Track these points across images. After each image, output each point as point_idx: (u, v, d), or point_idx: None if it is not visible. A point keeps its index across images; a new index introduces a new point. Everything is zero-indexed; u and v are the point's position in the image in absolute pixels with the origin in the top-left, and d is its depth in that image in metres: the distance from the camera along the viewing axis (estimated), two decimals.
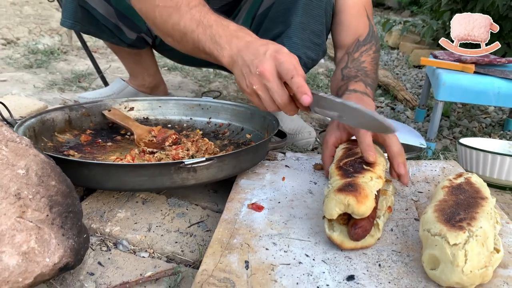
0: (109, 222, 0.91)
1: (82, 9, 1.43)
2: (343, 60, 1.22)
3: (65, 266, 0.71)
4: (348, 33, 1.27)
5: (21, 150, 0.73)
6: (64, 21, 1.48)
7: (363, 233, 0.76)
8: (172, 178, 0.90)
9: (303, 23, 1.25)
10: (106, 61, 2.77)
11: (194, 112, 1.46)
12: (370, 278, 0.71)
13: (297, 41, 1.26)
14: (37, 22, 3.98)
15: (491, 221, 0.76)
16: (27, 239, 0.67)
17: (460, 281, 0.67)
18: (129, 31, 1.49)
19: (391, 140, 0.94)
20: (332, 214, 0.76)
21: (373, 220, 0.79)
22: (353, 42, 1.25)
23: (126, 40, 1.53)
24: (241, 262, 0.74)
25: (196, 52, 1.01)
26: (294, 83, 0.85)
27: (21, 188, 0.69)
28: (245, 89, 0.90)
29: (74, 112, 1.30)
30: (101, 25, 1.47)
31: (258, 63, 0.85)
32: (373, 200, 0.76)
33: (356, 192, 0.76)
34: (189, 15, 0.97)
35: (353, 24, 1.28)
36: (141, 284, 0.78)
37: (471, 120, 2.10)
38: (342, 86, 1.13)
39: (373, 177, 0.84)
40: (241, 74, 0.89)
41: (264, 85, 0.86)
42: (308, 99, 0.84)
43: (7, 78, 2.23)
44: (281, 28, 1.28)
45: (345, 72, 1.18)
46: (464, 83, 1.59)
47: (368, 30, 1.27)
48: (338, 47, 1.31)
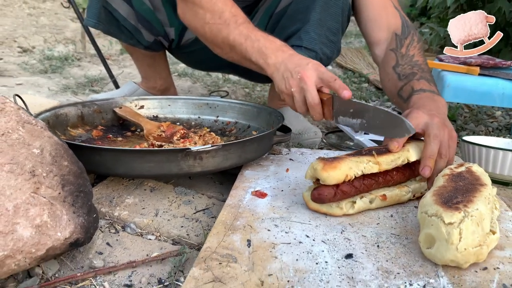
0: (118, 207, 0.94)
1: (105, 10, 1.49)
2: (391, 58, 1.21)
3: (76, 241, 0.74)
4: (381, 27, 1.27)
5: (36, 131, 0.77)
6: (88, 20, 1.54)
7: (319, 196, 0.85)
8: (179, 165, 0.94)
9: (321, 20, 1.28)
10: (118, 67, 2.84)
11: (202, 111, 1.50)
12: (368, 257, 0.73)
13: (314, 36, 1.29)
14: (52, 31, 4.09)
15: (488, 205, 0.78)
16: (41, 213, 0.70)
17: (455, 258, 0.69)
18: (148, 34, 1.55)
19: (428, 141, 0.94)
20: (305, 174, 0.89)
21: (342, 193, 0.85)
22: (390, 37, 1.24)
23: (143, 42, 1.58)
24: (244, 241, 0.77)
25: (242, 61, 1.16)
26: (336, 83, 0.98)
27: (35, 166, 0.73)
28: (283, 90, 1.04)
29: (87, 108, 1.35)
30: (121, 26, 1.52)
31: (300, 70, 1.00)
32: (342, 173, 0.84)
33: (329, 161, 0.85)
34: (237, 30, 1.11)
35: (382, 17, 1.27)
36: (147, 264, 0.81)
37: (477, 124, 2.11)
38: (405, 87, 1.13)
39: (371, 161, 0.88)
40: (282, 78, 1.03)
41: (301, 87, 1.00)
42: (349, 93, 0.96)
43: (23, 82, 2.31)
44: (298, 25, 1.31)
45: (398, 70, 1.17)
46: (468, 84, 1.61)
47: (401, 21, 1.26)
48: (374, 43, 1.29)
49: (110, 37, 3.89)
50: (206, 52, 1.68)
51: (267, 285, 0.65)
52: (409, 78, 1.14)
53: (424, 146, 0.95)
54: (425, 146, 0.95)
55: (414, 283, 0.67)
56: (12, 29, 4.10)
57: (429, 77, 1.15)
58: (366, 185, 0.88)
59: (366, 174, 0.88)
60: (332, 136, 1.76)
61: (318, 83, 1.00)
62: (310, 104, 1.00)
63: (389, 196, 0.91)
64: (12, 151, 0.72)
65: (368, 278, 0.68)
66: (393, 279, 0.68)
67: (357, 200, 0.88)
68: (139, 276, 0.77)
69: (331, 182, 0.84)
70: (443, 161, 0.96)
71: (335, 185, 0.85)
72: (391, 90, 1.20)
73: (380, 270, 0.70)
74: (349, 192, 0.86)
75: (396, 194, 0.92)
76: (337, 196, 0.85)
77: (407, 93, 1.12)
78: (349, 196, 0.87)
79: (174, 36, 1.56)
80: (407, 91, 1.12)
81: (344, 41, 4.33)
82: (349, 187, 0.86)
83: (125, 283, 0.76)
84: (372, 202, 0.89)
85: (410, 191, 0.94)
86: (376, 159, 0.89)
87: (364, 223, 0.85)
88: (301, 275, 0.68)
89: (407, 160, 0.94)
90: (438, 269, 0.71)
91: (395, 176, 0.92)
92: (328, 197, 0.85)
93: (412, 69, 1.16)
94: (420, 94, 1.07)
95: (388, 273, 0.69)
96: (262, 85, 2.52)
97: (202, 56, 1.71)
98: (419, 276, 0.69)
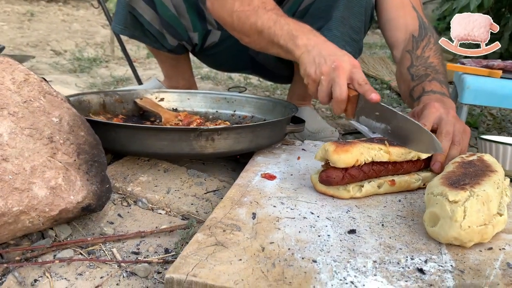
0: (131, 183, 0.97)
1: (130, 15, 1.55)
2: (406, 59, 1.22)
3: (87, 206, 0.78)
4: (398, 28, 1.28)
5: (56, 102, 0.81)
6: (115, 26, 1.60)
7: (327, 178, 0.86)
8: (191, 145, 0.96)
9: (344, 18, 1.29)
10: (143, 69, 2.92)
11: (220, 105, 1.53)
12: (372, 233, 0.74)
13: (337, 34, 1.30)
14: (83, 37, 4.24)
15: (497, 189, 0.77)
16: (56, 176, 0.74)
17: (458, 236, 0.68)
18: (171, 38, 1.59)
19: (440, 138, 0.95)
20: (316, 155, 0.90)
21: (350, 177, 0.86)
22: (408, 38, 1.26)
23: (167, 46, 1.63)
24: (249, 214, 0.78)
25: (269, 47, 1.13)
26: (366, 85, 0.94)
27: (53, 133, 0.77)
28: (311, 75, 0.98)
29: (109, 97, 1.40)
30: (146, 30, 1.58)
31: (336, 59, 0.96)
32: (352, 157, 0.84)
33: (341, 145, 0.86)
34: (266, 15, 1.10)
35: (400, 18, 1.28)
36: (156, 235, 0.83)
37: (500, 131, 2.07)
38: (416, 87, 1.14)
39: (382, 149, 0.88)
40: (313, 62, 0.99)
41: (332, 78, 0.95)
42: (377, 96, 0.91)
43: (53, 79, 2.40)
44: (321, 23, 1.32)
45: (412, 71, 1.18)
46: (489, 87, 1.59)
47: (419, 22, 1.27)
48: (393, 45, 1.31)
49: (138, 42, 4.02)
50: (228, 53, 1.73)
51: (268, 251, 0.66)
52: (422, 79, 1.14)
53: None
54: None
55: (416, 257, 0.67)
56: (47, 33, 4.28)
57: (442, 78, 1.15)
58: (375, 171, 0.89)
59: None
60: (349, 137, 1.76)
61: (348, 80, 0.96)
62: (337, 97, 0.95)
63: (398, 182, 0.91)
64: (32, 117, 0.76)
65: (370, 251, 0.68)
66: (394, 254, 0.68)
67: (365, 184, 0.88)
68: (147, 245, 0.80)
69: (341, 165, 0.85)
70: (455, 148, 0.95)
71: (343, 168, 0.86)
72: (405, 90, 1.22)
73: (382, 245, 0.70)
74: (357, 176, 0.87)
75: (405, 181, 0.92)
76: (345, 180, 0.86)
77: (417, 93, 1.12)
78: (357, 180, 0.87)
79: (198, 41, 1.60)
80: (418, 92, 1.13)
81: (368, 52, 4.33)
82: (357, 171, 0.87)
83: (132, 250, 0.78)
84: (380, 187, 0.90)
85: (421, 179, 0.94)
86: (388, 148, 0.90)
87: (371, 205, 0.85)
88: (302, 244, 0.69)
89: (417, 156, 0.94)
90: (442, 247, 0.70)
91: (405, 165, 0.93)
92: (336, 180, 0.86)
93: (425, 71, 1.17)
94: (430, 95, 1.08)
95: (390, 248, 0.69)
96: (282, 88, 2.54)
97: (224, 57, 1.75)
98: (422, 252, 0.69)
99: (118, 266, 0.73)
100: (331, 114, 2.11)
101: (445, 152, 0.95)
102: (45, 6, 6.47)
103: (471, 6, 2.17)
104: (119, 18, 1.58)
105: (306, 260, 0.64)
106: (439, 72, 1.17)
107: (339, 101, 0.95)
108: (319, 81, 0.98)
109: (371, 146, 0.89)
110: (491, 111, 2.37)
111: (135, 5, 1.48)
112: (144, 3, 1.49)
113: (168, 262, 0.76)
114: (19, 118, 0.74)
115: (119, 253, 0.77)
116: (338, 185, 0.87)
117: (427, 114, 0.98)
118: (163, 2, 1.47)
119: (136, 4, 1.48)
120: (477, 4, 2.15)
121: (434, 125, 0.98)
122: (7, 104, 0.74)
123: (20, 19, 5.04)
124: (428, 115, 0.98)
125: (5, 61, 0.80)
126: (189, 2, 1.48)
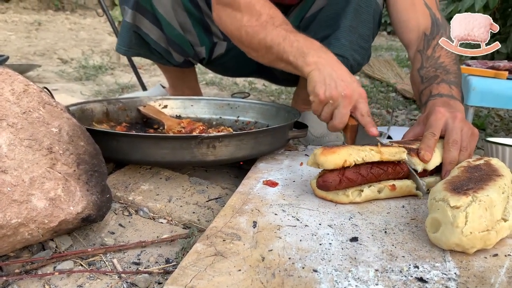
0: (133, 192, 0.97)
1: (136, 35, 1.54)
2: (417, 60, 1.20)
3: (87, 217, 0.77)
4: (410, 29, 1.26)
5: (56, 112, 0.81)
6: (119, 47, 1.59)
7: (323, 183, 0.85)
8: (193, 153, 0.96)
9: (352, 27, 1.27)
10: (149, 75, 2.93)
11: (223, 111, 1.53)
12: (374, 241, 0.73)
13: (345, 43, 1.28)
14: (90, 45, 4.28)
15: (503, 194, 0.75)
16: (55, 187, 0.74)
17: (460, 242, 0.67)
18: (178, 55, 1.59)
19: (447, 147, 0.95)
20: (308, 161, 0.89)
21: (348, 180, 0.85)
22: (420, 37, 1.24)
23: (173, 62, 1.62)
24: (249, 222, 0.77)
25: (278, 63, 1.13)
26: (368, 118, 1.00)
27: (53, 144, 0.77)
28: (320, 95, 1.00)
29: (112, 105, 1.40)
30: (152, 49, 1.57)
31: (346, 86, 0.99)
32: (339, 158, 0.84)
33: (329, 147, 0.86)
34: (275, 31, 1.10)
35: (411, 18, 1.26)
36: (157, 244, 0.82)
37: (508, 133, 2.05)
38: (425, 91, 1.13)
39: (374, 150, 0.89)
40: (323, 82, 1.00)
41: (338, 104, 0.99)
42: (375, 132, 0.98)
43: (58, 87, 2.42)
44: (329, 31, 1.30)
45: (422, 73, 1.17)
46: (495, 88, 1.57)
47: (431, 20, 1.25)
48: (407, 46, 1.29)
49: None
50: (235, 61, 1.72)
51: (268, 261, 0.65)
52: (430, 81, 1.13)
53: (444, 152, 0.95)
54: (445, 152, 0.95)
55: (419, 266, 0.66)
56: (54, 42, 4.32)
57: (453, 79, 1.13)
58: (374, 174, 0.88)
59: (375, 163, 0.88)
60: None
61: (352, 108, 1.00)
62: (335, 124, 1.00)
63: (399, 187, 0.89)
64: (32, 128, 0.76)
65: (372, 259, 0.67)
66: (397, 262, 0.67)
67: (364, 189, 0.87)
68: (148, 255, 0.79)
69: (329, 166, 0.85)
70: (463, 154, 0.95)
71: (340, 172, 0.86)
72: (416, 93, 1.20)
73: (385, 253, 0.69)
74: (355, 180, 0.86)
75: (406, 185, 0.90)
76: (343, 184, 0.85)
77: (425, 97, 1.11)
78: (355, 184, 0.86)
79: (205, 54, 1.59)
80: (425, 96, 1.11)
81: (374, 54, 4.31)
82: (355, 175, 0.86)
83: (133, 261, 0.77)
84: (380, 191, 0.89)
85: (424, 184, 0.93)
86: (379, 148, 0.88)
87: (374, 211, 0.84)
88: (303, 253, 0.68)
89: None
90: (446, 255, 0.69)
91: (405, 168, 0.91)
92: (334, 184, 0.85)
93: (435, 72, 1.15)
94: (436, 99, 1.06)
95: (392, 256, 0.68)
96: (287, 93, 2.54)
97: (231, 65, 1.75)
98: (425, 260, 0.67)
99: (119, 277, 0.72)
100: None
101: (455, 161, 0.94)
102: (52, 15, 6.54)
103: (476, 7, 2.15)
104: (123, 40, 1.57)
105: (306, 270, 0.63)
106: (450, 72, 1.14)
107: (335, 127, 1.02)
108: (326, 103, 1.01)
109: (362, 148, 0.88)
110: (499, 112, 2.34)
111: (141, 25, 1.48)
112: (150, 23, 1.48)
113: (169, 273, 0.75)
114: (18, 129, 0.74)
115: (119, 263, 0.76)
116: (336, 190, 0.87)
117: (433, 122, 0.97)
118: (168, 22, 1.46)
119: (141, 24, 1.48)
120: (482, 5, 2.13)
121: (442, 131, 0.97)
122: (6, 115, 0.74)
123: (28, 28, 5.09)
124: (434, 123, 0.97)
125: (4, 72, 0.80)
126: (194, 17, 1.47)
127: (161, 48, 1.55)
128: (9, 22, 5.48)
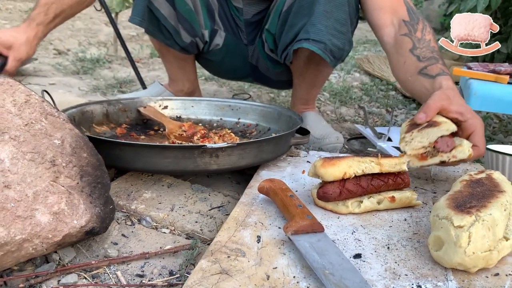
0: (135, 201, 0.97)
1: (148, 9, 1.55)
2: (405, 42, 1.20)
3: (91, 230, 0.77)
4: (385, 11, 1.27)
5: (58, 123, 0.81)
6: (133, 18, 1.59)
7: (323, 194, 0.87)
8: (196, 162, 0.95)
9: (326, 11, 1.28)
10: (147, 70, 2.91)
11: (224, 113, 1.52)
12: (377, 258, 0.73)
13: (321, 28, 1.29)
14: (86, 35, 4.23)
15: (504, 212, 0.76)
16: (59, 201, 0.73)
17: (462, 262, 0.67)
18: (186, 35, 1.59)
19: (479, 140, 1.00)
20: (309, 172, 0.91)
21: (348, 192, 0.86)
22: (398, 24, 1.24)
23: (180, 43, 1.62)
24: (254, 236, 0.77)
25: None
26: None
27: (56, 156, 0.77)
28: None
29: (112, 106, 1.39)
30: (162, 25, 1.57)
31: None
32: (339, 170, 0.85)
33: (329, 159, 0.87)
34: None
35: (386, 4, 1.28)
36: (160, 256, 0.82)
37: (506, 135, 2.05)
38: (430, 67, 1.13)
39: (374, 162, 0.89)
40: None
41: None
42: None
43: (56, 82, 2.39)
44: (305, 20, 1.32)
45: (417, 52, 1.17)
46: (496, 93, 1.57)
47: (406, 7, 1.26)
48: (379, 27, 1.29)
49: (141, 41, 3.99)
50: (229, 58, 1.72)
51: (273, 280, 0.66)
52: (432, 61, 1.14)
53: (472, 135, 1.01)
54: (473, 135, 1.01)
55: (422, 285, 0.66)
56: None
57: (444, 62, 1.16)
58: (374, 186, 0.88)
59: (375, 175, 0.88)
60: (355, 142, 1.75)
61: None
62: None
63: (399, 198, 0.90)
64: (34, 140, 0.75)
65: (375, 278, 0.67)
66: (400, 281, 0.67)
67: (364, 200, 0.88)
68: (151, 267, 0.79)
69: (329, 179, 0.86)
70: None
71: (340, 183, 0.86)
72: (409, 71, 1.18)
73: (388, 271, 0.69)
74: (355, 192, 0.87)
75: (406, 197, 0.91)
76: (343, 195, 0.86)
77: (435, 71, 1.11)
78: (355, 195, 0.87)
79: (207, 38, 1.60)
80: (435, 70, 1.12)
81: (374, 49, 4.30)
82: (355, 186, 0.87)
83: (137, 273, 0.78)
84: (380, 203, 0.89)
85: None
86: (379, 160, 0.89)
87: (376, 225, 0.85)
88: (307, 271, 0.68)
89: None
90: (448, 273, 0.70)
91: (406, 179, 0.92)
92: (334, 196, 0.86)
93: (432, 54, 1.16)
94: (447, 76, 1.09)
95: (395, 274, 0.69)
96: (287, 90, 2.53)
97: (226, 62, 1.74)
98: (427, 279, 0.68)
99: None
100: (336, 117, 2.09)
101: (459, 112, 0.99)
102: None
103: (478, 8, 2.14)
104: (138, 10, 1.58)
105: None
106: (441, 57, 1.16)
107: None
108: None
109: (362, 159, 0.89)
110: (497, 114, 2.34)
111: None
112: None
113: (172, 285, 0.75)
114: (21, 142, 0.74)
115: (123, 276, 0.77)
116: (336, 201, 0.87)
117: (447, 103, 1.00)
118: None
119: None
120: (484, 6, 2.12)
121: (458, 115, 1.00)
122: (8, 128, 0.74)
123: (23, 17, 5.02)
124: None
125: (6, 82, 0.80)
126: None
127: (170, 25, 1.55)
128: (3, 9, 5.40)
